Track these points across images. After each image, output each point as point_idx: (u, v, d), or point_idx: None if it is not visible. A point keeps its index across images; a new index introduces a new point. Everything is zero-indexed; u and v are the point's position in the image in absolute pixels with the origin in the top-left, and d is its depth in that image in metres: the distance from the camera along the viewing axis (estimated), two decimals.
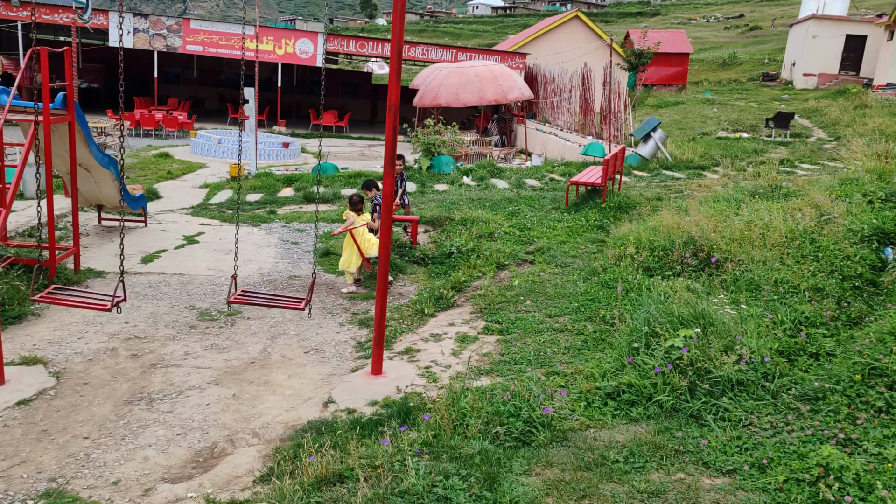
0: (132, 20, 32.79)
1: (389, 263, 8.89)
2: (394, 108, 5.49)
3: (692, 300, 5.62)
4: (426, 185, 16.29)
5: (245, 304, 6.18)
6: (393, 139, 5.54)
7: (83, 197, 10.83)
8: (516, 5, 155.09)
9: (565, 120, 29.01)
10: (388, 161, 5.60)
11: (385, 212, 5.69)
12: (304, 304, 5.92)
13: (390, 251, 9.34)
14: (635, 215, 11.65)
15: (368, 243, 8.83)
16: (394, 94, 5.49)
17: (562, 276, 8.78)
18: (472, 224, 11.24)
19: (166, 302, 8.15)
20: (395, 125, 5.53)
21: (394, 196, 11.49)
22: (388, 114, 5.51)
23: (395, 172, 5.45)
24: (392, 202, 5.70)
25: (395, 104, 5.50)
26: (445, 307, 8.15)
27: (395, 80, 5.45)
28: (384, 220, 5.71)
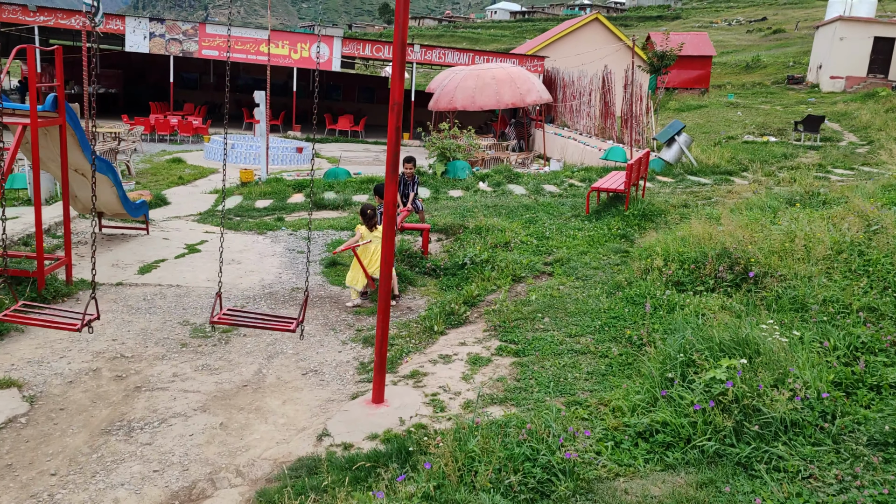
0: (148, 25, 32.59)
1: (396, 277, 8.34)
2: (396, 108, 4.91)
3: (733, 323, 4.96)
4: (440, 190, 15.71)
5: (229, 325, 5.59)
6: (396, 141, 4.95)
7: (81, 204, 10.36)
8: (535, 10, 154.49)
9: (585, 124, 28.32)
10: (389, 164, 5.01)
11: (387, 223, 5.11)
12: (295, 325, 5.33)
13: (398, 262, 8.80)
14: (661, 224, 10.98)
15: (374, 262, 8.24)
16: (396, 91, 4.90)
17: (583, 291, 8.14)
18: (487, 233, 10.63)
19: (159, 317, 7.61)
20: (397, 125, 4.94)
21: (405, 200, 11.00)
22: (391, 113, 4.93)
23: (398, 178, 4.85)
24: (394, 210, 5.11)
25: (399, 103, 4.92)
26: (457, 324, 7.54)
27: (399, 77, 4.87)
28: (386, 233, 5.12)
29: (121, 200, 10.01)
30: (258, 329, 5.62)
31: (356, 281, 8.25)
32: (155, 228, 12.04)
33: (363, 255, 8.23)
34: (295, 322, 5.37)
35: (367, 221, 8.26)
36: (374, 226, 8.28)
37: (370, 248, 8.25)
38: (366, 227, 8.28)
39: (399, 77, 4.87)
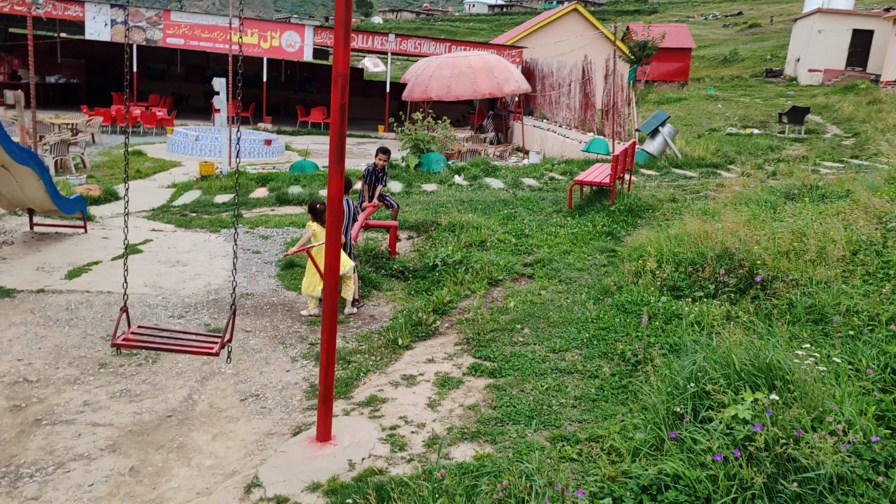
0: (109, 11, 31.16)
1: (358, 281, 7.34)
2: (341, 81, 3.97)
3: (752, 346, 4.08)
4: (413, 184, 14.77)
5: (136, 348, 4.59)
6: (341, 122, 4.01)
7: (7, 200, 9.28)
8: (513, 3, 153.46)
9: (564, 116, 27.49)
10: (333, 151, 4.07)
11: (330, 228, 4.16)
12: (219, 346, 4.36)
13: (361, 264, 7.70)
14: (649, 220, 10.13)
15: None
16: (340, 61, 3.96)
17: (567, 296, 7.25)
18: (461, 230, 9.71)
19: (80, 330, 6.59)
20: (342, 102, 4.00)
21: (372, 195, 10.04)
22: (334, 87, 3.98)
23: (342, 167, 3.92)
24: (339, 208, 4.16)
25: (344, 74, 3.97)
26: (425, 336, 6.61)
27: (342, 43, 3.93)
28: (330, 235, 4.18)
29: (50, 195, 8.94)
30: (173, 352, 4.62)
31: (312, 287, 7.28)
32: (96, 226, 10.96)
33: (319, 257, 7.27)
34: (219, 343, 4.40)
35: (318, 217, 7.30)
36: (324, 221, 7.33)
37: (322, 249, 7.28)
38: (318, 224, 7.32)
39: (342, 43, 3.92)
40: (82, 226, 10.25)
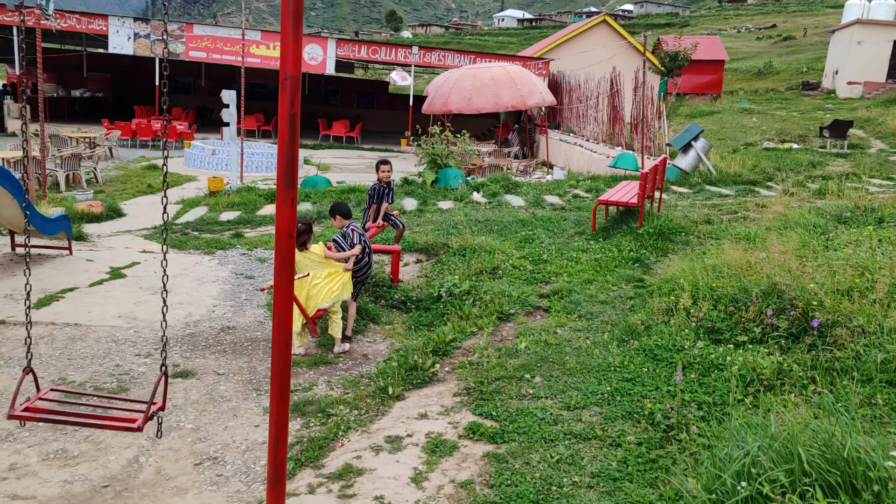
0: (133, 25, 30.99)
1: (355, 313, 6.42)
2: (289, 84, 3.13)
3: (822, 430, 3.13)
4: (429, 201, 13.92)
5: (39, 421, 3.74)
6: (290, 135, 3.17)
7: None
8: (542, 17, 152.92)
9: (592, 129, 26.53)
10: (282, 175, 3.22)
11: (279, 271, 3.31)
12: (143, 420, 3.49)
13: (339, 302, 6.56)
14: (681, 244, 9.15)
15: (318, 294, 6.44)
16: (289, 60, 3.12)
17: (587, 336, 6.31)
18: (473, 255, 8.82)
19: None
20: (291, 112, 3.15)
21: (375, 215, 9.20)
22: (282, 92, 3.14)
23: (293, 195, 3.08)
24: (287, 249, 3.30)
25: (294, 77, 3.13)
26: (420, 383, 5.71)
27: (292, 39, 3.09)
28: (279, 284, 3.32)
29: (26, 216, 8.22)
30: (85, 426, 3.69)
31: (293, 321, 6.44)
32: (87, 246, 10.28)
33: (298, 290, 6.42)
34: (146, 412, 3.53)
35: (296, 240, 6.46)
36: (303, 244, 6.49)
37: (306, 279, 6.44)
38: (298, 250, 6.49)
39: (291, 36, 3.08)
40: (67, 247, 9.56)
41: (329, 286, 6.44)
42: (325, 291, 6.40)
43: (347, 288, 6.56)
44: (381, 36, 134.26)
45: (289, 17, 3.10)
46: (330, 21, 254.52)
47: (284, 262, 3.34)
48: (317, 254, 6.55)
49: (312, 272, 6.45)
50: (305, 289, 6.42)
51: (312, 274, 6.45)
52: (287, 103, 3.17)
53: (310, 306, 6.39)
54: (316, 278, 6.46)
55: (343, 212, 6.98)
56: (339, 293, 6.47)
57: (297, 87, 3.16)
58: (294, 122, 3.19)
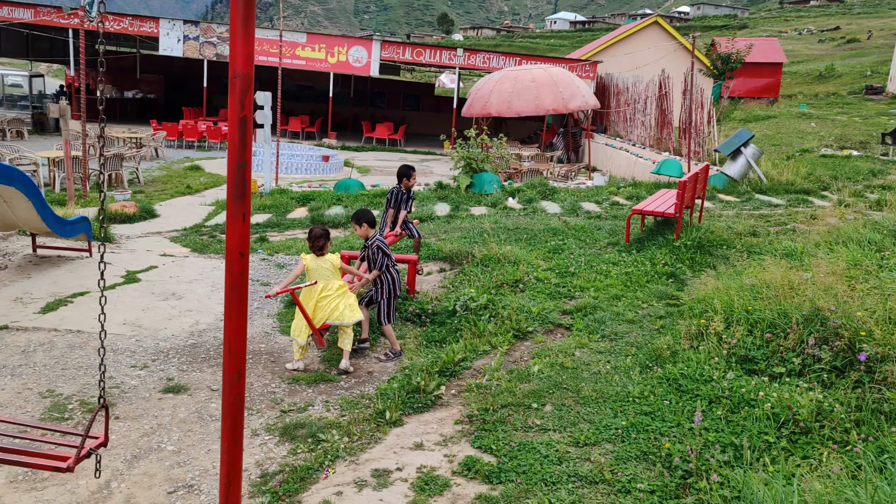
0: (182, 27, 31.40)
1: (366, 326, 6.06)
2: (239, 83, 2.76)
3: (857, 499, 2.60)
4: (461, 207, 13.51)
5: None
6: (241, 139, 2.80)
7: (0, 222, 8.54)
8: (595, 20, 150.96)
9: (639, 134, 25.75)
10: (232, 186, 2.85)
11: (230, 294, 2.94)
12: (74, 458, 3.13)
13: (367, 306, 6.11)
14: (722, 259, 8.53)
15: (327, 306, 6.08)
16: (239, 55, 2.75)
17: (608, 359, 5.80)
18: (497, 265, 8.37)
19: (20, 382, 5.60)
20: (242, 114, 2.78)
21: (392, 223, 8.83)
22: (231, 91, 2.77)
23: (247, 209, 2.71)
24: (237, 269, 2.93)
25: (246, 75, 2.76)
26: (422, 407, 5.30)
27: (242, 32, 2.72)
28: (230, 309, 2.96)
29: (41, 217, 8.12)
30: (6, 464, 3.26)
31: (299, 331, 6.11)
32: (109, 248, 10.17)
33: (306, 299, 6.08)
34: (75, 454, 3.15)
35: (311, 244, 6.13)
36: (320, 250, 6.14)
37: (316, 288, 6.09)
38: (311, 256, 6.15)
39: (240, 28, 2.71)
40: (87, 249, 9.44)
41: (337, 302, 6.07)
42: (332, 308, 6.04)
43: (354, 312, 6.17)
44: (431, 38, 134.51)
45: (238, 8, 2.73)
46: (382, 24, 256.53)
47: (234, 285, 2.97)
48: (332, 262, 6.20)
49: (323, 282, 6.10)
50: (314, 299, 6.07)
51: (323, 284, 6.09)
52: (237, 104, 2.79)
53: (316, 318, 6.04)
54: (327, 290, 6.10)
55: (370, 219, 6.64)
56: (342, 314, 6.08)
57: (248, 86, 2.79)
58: (245, 125, 2.81)
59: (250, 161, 2.87)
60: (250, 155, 2.86)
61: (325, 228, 6.20)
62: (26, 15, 30.43)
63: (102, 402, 3.19)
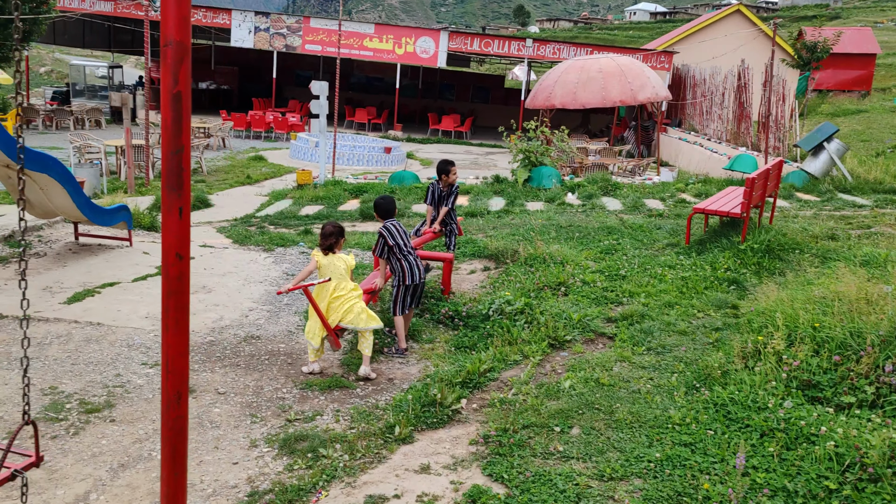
0: (253, 19, 31.74)
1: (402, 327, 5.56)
2: (171, 52, 2.33)
3: None
4: (516, 202, 12.94)
5: None
6: (174, 120, 2.37)
7: (38, 209, 8.50)
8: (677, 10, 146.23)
9: (715, 127, 24.49)
10: (166, 175, 2.43)
11: (166, 302, 2.53)
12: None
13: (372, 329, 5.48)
14: (793, 265, 7.70)
15: (339, 307, 5.66)
16: (172, 21, 2.33)
17: (650, 377, 5.18)
18: (541, 265, 7.80)
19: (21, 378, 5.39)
20: (176, 90, 2.35)
21: (433, 220, 8.34)
22: (163, 64, 2.35)
23: (185, 203, 2.28)
24: (174, 273, 2.52)
25: (178, 42, 2.33)
26: (436, 423, 4.81)
27: (175, 1, 2.29)
28: (167, 320, 2.54)
29: (76, 205, 8.01)
30: None
31: (313, 333, 5.72)
32: (150, 237, 10.09)
33: (319, 297, 5.68)
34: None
35: (323, 242, 5.72)
36: (332, 248, 5.72)
37: (329, 285, 5.68)
38: (323, 250, 5.74)
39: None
40: (127, 238, 9.35)
41: (351, 304, 5.65)
42: (346, 309, 5.62)
43: (369, 317, 5.72)
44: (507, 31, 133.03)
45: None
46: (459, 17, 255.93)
47: (172, 292, 2.55)
48: (346, 262, 5.78)
49: (336, 280, 5.69)
50: (326, 298, 5.67)
51: (335, 283, 5.68)
52: (170, 79, 2.36)
53: (329, 319, 5.64)
54: (339, 289, 5.69)
55: (380, 210, 6.24)
56: (357, 318, 5.65)
57: (182, 57, 2.35)
58: (179, 103, 2.38)
59: (188, 146, 2.44)
60: (187, 139, 2.43)
61: (337, 225, 5.78)
62: (107, 7, 31.33)
63: (27, 418, 2.84)
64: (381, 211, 6.28)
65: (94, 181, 14.97)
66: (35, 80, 48.02)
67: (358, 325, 5.65)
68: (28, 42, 27.49)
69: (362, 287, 6.14)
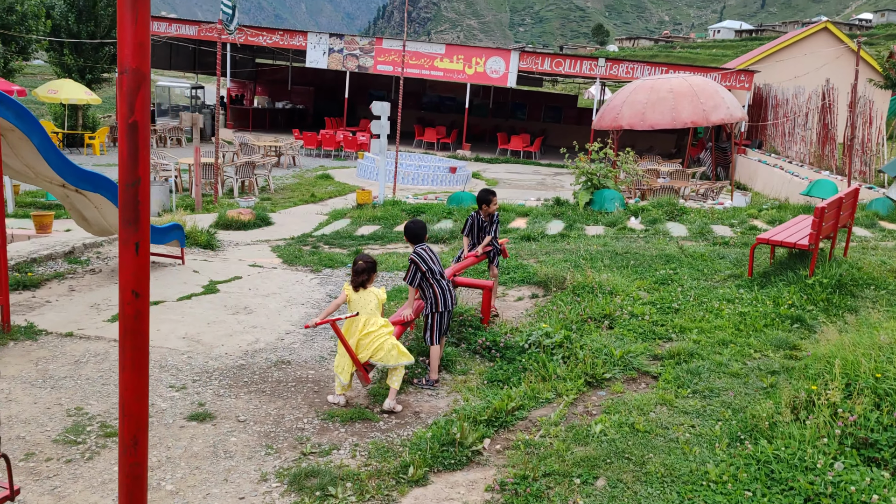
0: (328, 40, 32.41)
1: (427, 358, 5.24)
2: (128, 80, 2.19)
3: None
4: (575, 226, 12.57)
5: None
6: (130, 151, 2.24)
7: (95, 226, 8.71)
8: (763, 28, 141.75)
9: (797, 150, 23.39)
10: (123, 209, 2.29)
11: (123, 338, 2.39)
12: None
13: (403, 365, 5.19)
14: (869, 301, 7.09)
15: (370, 344, 5.44)
16: (128, 47, 2.20)
17: (692, 424, 4.77)
18: (588, 295, 7.44)
19: (56, 395, 5.44)
20: (132, 119, 2.22)
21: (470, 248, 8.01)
22: (119, 92, 2.22)
23: (142, 237, 2.12)
24: (129, 312, 2.37)
25: (137, 70, 2.19)
26: (454, 464, 4.54)
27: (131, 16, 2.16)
28: (123, 356, 2.41)
29: None
30: None
31: (342, 368, 5.55)
32: (206, 255, 10.23)
33: (348, 333, 5.50)
34: None
35: (354, 278, 5.54)
36: (361, 284, 5.53)
37: (358, 320, 5.50)
38: (353, 285, 5.56)
39: (128, 13, 2.15)
40: (179, 256, 9.48)
41: (382, 341, 5.44)
42: (377, 346, 5.41)
43: (402, 354, 5.51)
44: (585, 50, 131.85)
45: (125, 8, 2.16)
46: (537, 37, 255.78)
47: (128, 331, 2.41)
48: (377, 296, 5.58)
49: (366, 315, 5.49)
50: (356, 334, 5.47)
51: (365, 318, 5.48)
52: (125, 108, 2.23)
53: (359, 355, 5.44)
54: (370, 325, 5.48)
55: (410, 234, 6.05)
56: (388, 355, 5.44)
57: (139, 85, 2.21)
58: (136, 133, 2.24)
59: (147, 178, 2.30)
60: (145, 170, 2.29)
61: (369, 261, 5.58)
62: (191, 31, 32.59)
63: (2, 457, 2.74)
64: (411, 235, 6.08)
65: (163, 198, 15.41)
66: None
67: (388, 363, 5.45)
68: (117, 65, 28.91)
69: (391, 320, 5.94)
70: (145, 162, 2.28)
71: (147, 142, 2.27)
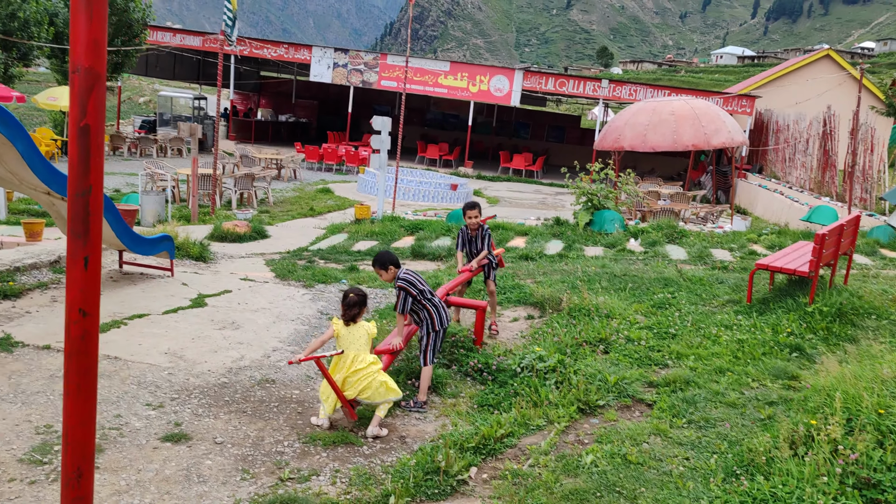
0: (332, 54, 32.44)
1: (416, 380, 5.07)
2: (79, 80, 2.04)
3: None
4: (574, 246, 12.40)
5: None
6: (80, 157, 2.08)
7: None
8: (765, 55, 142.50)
9: (798, 175, 23.32)
10: (71, 220, 2.13)
11: (68, 363, 2.21)
12: None
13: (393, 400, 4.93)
14: (870, 331, 6.91)
15: (357, 383, 5.22)
16: (80, 45, 2.04)
17: (686, 457, 4.57)
18: (584, 318, 7.26)
19: (26, 412, 5.23)
20: (83, 123, 2.05)
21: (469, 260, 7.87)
22: (71, 93, 2.06)
23: (93, 253, 1.95)
24: (75, 334, 2.19)
25: (90, 69, 2.04)
26: (437, 494, 4.34)
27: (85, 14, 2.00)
28: (68, 382, 2.22)
29: (116, 234, 8.00)
30: None
31: (326, 396, 5.35)
32: (199, 268, 10.06)
33: (335, 367, 5.31)
34: None
35: (345, 312, 5.34)
36: (354, 318, 5.34)
37: (346, 357, 5.29)
38: (343, 319, 5.37)
39: (82, 11, 1.99)
40: (168, 268, 9.31)
41: (370, 380, 5.23)
42: (365, 385, 5.20)
43: (389, 390, 5.30)
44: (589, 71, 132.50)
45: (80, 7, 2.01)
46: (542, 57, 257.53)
47: (73, 352, 2.22)
48: (367, 331, 5.39)
49: (354, 352, 5.29)
50: (344, 371, 5.27)
51: (353, 355, 5.28)
52: (77, 110, 2.06)
53: (346, 392, 5.23)
54: (359, 362, 5.27)
55: (394, 259, 5.82)
56: (375, 393, 5.23)
57: (93, 85, 2.05)
58: (87, 137, 2.07)
59: (99, 187, 2.13)
60: (98, 178, 2.12)
61: (361, 294, 5.39)
62: (195, 42, 32.63)
63: None
64: (393, 260, 5.83)
65: (159, 208, 15.27)
66: (134, 109, 50.54)
67: (375, 400, 5.25)
68: (120, 73, 28.94)
69: (379, 349, 5.74)
70: (98, 169, 2.12)
71: (100, 147, 2.11)
